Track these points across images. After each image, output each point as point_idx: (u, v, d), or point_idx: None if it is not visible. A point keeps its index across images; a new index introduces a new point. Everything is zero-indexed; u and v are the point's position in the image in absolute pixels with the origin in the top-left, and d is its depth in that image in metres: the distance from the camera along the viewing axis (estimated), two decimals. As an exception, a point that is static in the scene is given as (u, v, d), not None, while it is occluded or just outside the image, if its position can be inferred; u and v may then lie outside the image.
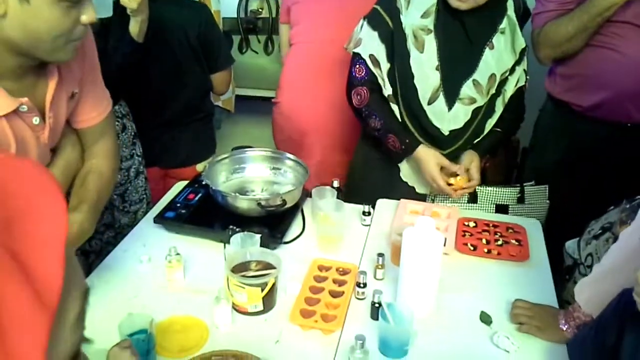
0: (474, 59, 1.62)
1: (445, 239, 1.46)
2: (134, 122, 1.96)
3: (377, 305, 1.25)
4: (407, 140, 1.64)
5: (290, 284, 1.35)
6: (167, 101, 2.02)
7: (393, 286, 1.34)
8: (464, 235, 1.55)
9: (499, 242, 1.52)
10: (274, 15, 2.76)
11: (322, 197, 1.60)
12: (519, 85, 1.72)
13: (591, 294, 1.16)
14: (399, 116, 1.68)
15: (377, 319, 1.22)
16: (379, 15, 1.64)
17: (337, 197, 1.61)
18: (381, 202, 1.71)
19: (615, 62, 1.77)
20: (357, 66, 1.68)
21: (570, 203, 1.93)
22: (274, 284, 1.27)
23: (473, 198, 1.76)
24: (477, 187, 1.73)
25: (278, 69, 2.80)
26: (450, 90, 1.63)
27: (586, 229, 1.51)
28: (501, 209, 1.77)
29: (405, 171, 1.75)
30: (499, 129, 1.72)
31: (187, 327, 1.23)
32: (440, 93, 1.63)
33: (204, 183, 1.57)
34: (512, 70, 1.67)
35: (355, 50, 1.68)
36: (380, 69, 1.64)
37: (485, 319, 1.27)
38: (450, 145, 1.69)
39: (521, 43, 1.67)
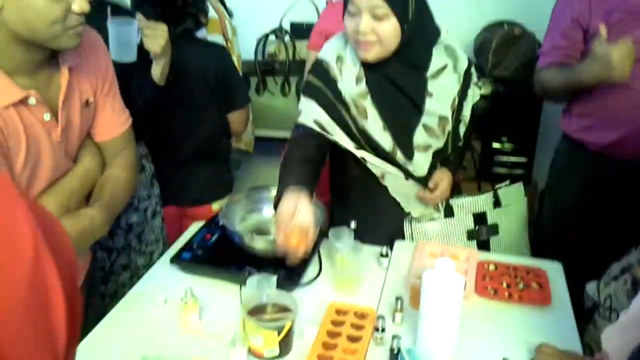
0: (416, 106, 1.57)
1: (466, 282, 1.44)
2: (152, 162, 1.98)
3: (395, 351, 1.21)
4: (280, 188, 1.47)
5: (307, 328, 1.33)
6: (184, 140, 2.04)
7: (412, 331, 1.31)
8: (484, 279, 1.52)
9: (520, 286, 1.49)
10: (290, 58, 2.80)
11: (338, 238, 1.58)
12: (475, 101, 1.68)
13: (619, 342, 1.13)
14: (370, 156, 1.60)
15: (396, 365, 1.19)
16: (313, 86, 1.58)
17: (354, 238, 1.59)
18: (399, 244, 1.69)
19: (630, 100, 1.78)
20: (293, 133, 1.61)
21: (590, 243, 1.90)
22: (290, 328, 1.25)
23: (449, 212, 1.72)
24: (451, 200, 1.71)
25: (294, 109, 2.85)
26: (405, 144, 1.59)
27: (606, 270, 1.48)
28: (479, 217, 1.74)
29: (393, 188, 1.69)
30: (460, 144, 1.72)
31: (202, 371, 1.21)
32: (397, 150, 1.59)
33: (220, 224, 1.56)
34: (463, 95, 1.63)
35: (298, 121, 1.59)
36: (328, 132, 1.57)
37: (508, 366, 1.23)
38: (425, 181, 1.66)
39: (463, 65, 1.61)
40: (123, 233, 1.87)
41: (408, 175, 1.64)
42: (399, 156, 1.61)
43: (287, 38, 2.81)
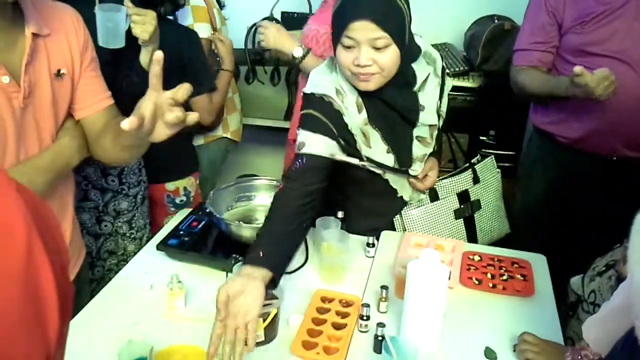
0: (410, 123, 1.56)
1: (450, 272, 1.45)
2: None
3: (380, 338, 1.23)
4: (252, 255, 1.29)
5: (292, 315, 1.33)
6: None
7: (396, 319, 1.33)
8: (468, 269, 1.53)
9: (504, 277, 1.50)
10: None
11: (326, 228, 1.59)
12: (449, 89, 1.67)
13: (599, 332, 1.15)
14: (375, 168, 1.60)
15: (380, 352, 1.20)
16: (315, 119, 1.45)
17: (341, 228, 1.60)
18: (385, 234, 1.70)
19: None
20: (295, 162, 1.45)
21: (561, 235, 1.93)
22: (276, 315, 1.25)
23: (434, 196, 1.73)
24: (435, 185, 1.71)
25: (283, 99, 2.84)
26: (405, 159, 1.58)
27: (591, 265, 1.50)
28: (463, 195, 1.75)
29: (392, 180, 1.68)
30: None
31: (187, 356, 1.21)
32: (397, 165, 1.58)
33: (207, 211, 1.56)
34: (442, 92, 1.62)
35: (301, 152, 1.44)
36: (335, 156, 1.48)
37: (490, 354, 1.25)
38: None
39: (439, 64, 1.60)
40: (111, 219, 1.86)
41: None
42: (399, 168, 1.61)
43: (277, 27, 2.80)
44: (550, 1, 1.88)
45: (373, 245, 1.61)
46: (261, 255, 1.26)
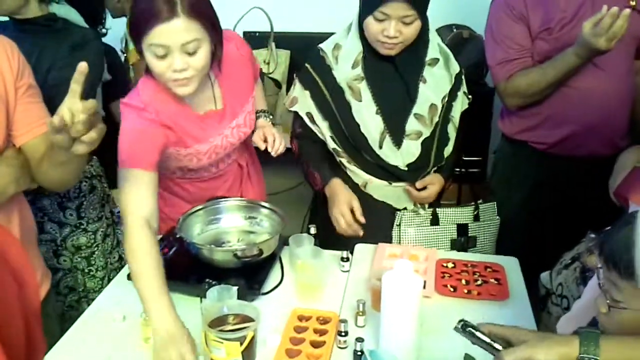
0: (410, 94, 1.66)
1: (425, 281, 1.46)
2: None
3: (359, 353, 1.22)
4: (327, 173, 1.70)
5: (270, 336, 1.32)
6: None
7: (375, 333, 1.32)
8: (443, 277, 1.54)
9: (479, 282, 1.51)
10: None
11: (299, 245, 1.59)
12: (463, 109, 1.78)
13: (572, 329, 1.16)
14: (350, 165, 1.72)
15: (360, 367, 1.19)
16: (308, 74, 1.71)
17: (315, 244, 1.60)
18: (359, 247, 1.70)
19: (574, 99, 1.83)
20: (296, 122, 1.78)
21: (542, 238, 1.95)
22: (253, 337, 1.24)
23: (435, 220, 1.79)
24: (437, 210, 1.78)
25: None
26: (395, 130, 1.67)
27: (559, 259, 1.52)
28: (462, 228, 1.81)
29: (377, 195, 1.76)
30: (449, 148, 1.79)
31: (164, 387, 1.18)
32: (387, 135, 1.66)
33: (178, 236, 1.54)
34: (453, 96, 1.72)
35: (293, 109, 1.75)
36: (317, 125, 1.71)
37: (470, 361, 1.26)
38: (413, 177, 1.71)
39: (455, 68, 1.72)
40: (69, 255, 1.82)
41: (391, 177, 1.71)
42: (387, 142, 1.66)
43: (240, 47, 2.80)
44: (513, 7, 1.86)
45: (347, 259, 1.61)
46: (327, 173, 1.69)
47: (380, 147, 1.67)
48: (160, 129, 1.45)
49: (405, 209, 1.77)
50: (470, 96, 1.79)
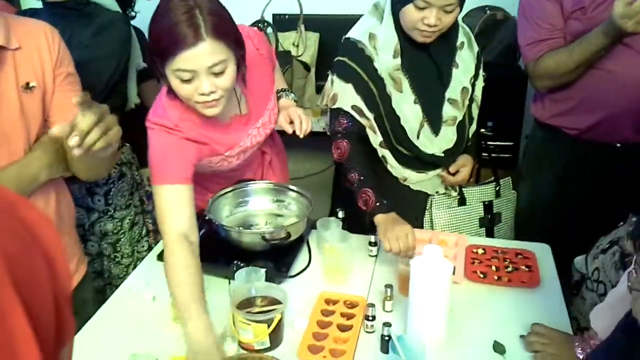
0: (444, 80, 1.64)
1: (454, 267, 1.44)
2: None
3: (386, 338, 1.21)
4: (385, 202, 1.53)
5: (297, 318, 1.32)
6: None
7: (402, 318, 1.31)
8: (472, 263, 1.52)
9: (509, 269, 1.49)
10: (273, 49, 2.78)
11: (327, 229, 1.58)
12: (482, 86, 1.78)
13: (606, 320, 1.13)
14: (392, 158, 1.68)
15: (387, 352, 1.19)
16: (348, 67, 1.61)
17: (343, 228, 1.59)
18: (387, 232, 1.69)
19: (608, 83, 1.77)
20: (339, 120, 1.63)
21: (573, 224, 1.90)
22: (280, 320, 1.24)
23: (462, 200, 1.80)
24: (463, 189, 1.80)
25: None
26: (434, 118, 1.65)
27: (595, 243, 1.48)
28: (487, 206, 1.84)
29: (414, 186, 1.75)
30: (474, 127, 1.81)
31: (193, 366, 1.20)
32: (425, 123, 1.64)
33: (207, 218, 1.55)
34: (476, 75, 1.73)
35: (335, 106, 1.63)
36: (366, 118, 1.62)
37: (499, 348, 1.24)
38: (449, 162, 1.73)
39: (475, 47, 1.72)
40: (97, 240, 1.84)
41: (427, 167, 1.71)
42: (425, 131, 1.65)
43: (269, 30, 2.78)
44: None
45: (375, 243, 1.60)
46: (385, 202, 1.53)
47: (418, 137, 1.65)
48: (193, 145, 1.42)
49: (437, 192, 1.78)
50: (484, 73, 1.78)
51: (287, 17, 2.94)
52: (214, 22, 1.25)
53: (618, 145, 1.83)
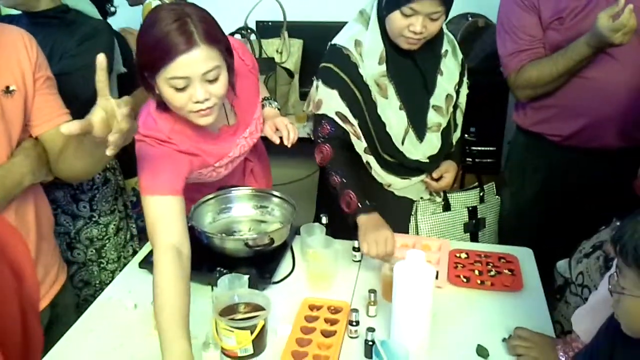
0: (429, 88, 1.65)
1: (437, 271, 1.44)
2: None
3: (370, 343, 1.21)
4: (367, 202, 1.55)
5: (280, 325, 1.31)
6: None
7: (386, 323, 1.31)
8: (456, 267, 1.53)
9: (492, 273, 1.50)
10: (257, 56, 2.78)
11: (310, 234, 1.58)
12: (466, 93, 1.79)
13: (588, 323, 1.14)
14: (376, 164, 1.68)
15: (371, 357, 1.18)
16: (333, 73, 1.61)
17: (327, 233, 1.59)
18: (371, 237, 1.69)
19: (589, 90, 1.79)
20: (322, 125, 1.65)
21: (556, 229, 1.92)
22: (263, 326, 1.23)
23: (446, 206, 1.81)
24: (447, 194, 1.81)
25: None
26: (418, 124, 1.66)
27: (577, 248, 1.50)
28: (472, 211, 1.85)
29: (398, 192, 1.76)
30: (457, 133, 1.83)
31: (175, 375, 1.18)
32: (410, 130, 1.65)
33: (190, 225, 1.54)
34: (460, 82, 1.74)
35: (320, 112, 1.64)
36: (350, 124, 1.63)
37: (482, 352, 1.24)
38: (433, 167, 1.74)
39: (459, 54, 1.73)
40: (83, 248, 1.82)
41: (412, 173, 1.72)
42: (410, 137, 1.65)
43: (253, 37, 2.78)
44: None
45: (359, 249, 1.59)
46: (368, 203, 1.54)
47: (402, 143, 1.66)
48: (185, 157, 1.41)
49: (421, 198, 1.78)
50: (468, 80, 1.79)
51: (270, 24, 2.94)
52: (206, 28, 1.25)
53: (599, 151, 1.85)
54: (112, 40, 1.79)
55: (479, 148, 2.65)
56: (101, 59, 1.02)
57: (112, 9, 2.01)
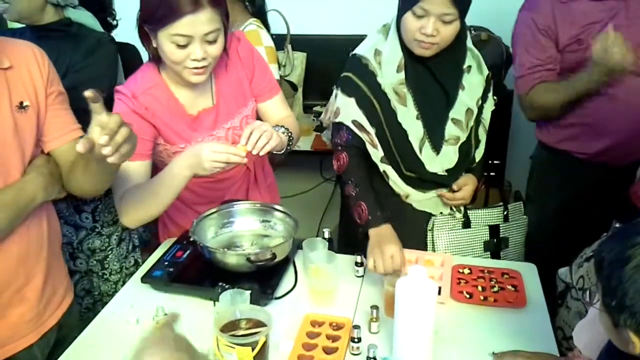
0: (449, 99, 1.64)
1: (440, 287, 1.44)
2: None
3: (372, 360, 1.20)
4: (379, 214, 1.54)
5: (282, 341, 1.31)
6: None
7: (388, 340, 1.30)
8: (459, 283, 1.52)
9: (495, 289, 1.49)
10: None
11: (313, 249, 1.57)
12: (491, 110, 1.77)
13: (589, 336, 1.13)
14: (394, 174, 1.66)
15: (372, 375, 1.18)
16: (351, 82, 1.63)
17: (329, 248, 1.58)
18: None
19: (613, 109, 1.79)
20: (340, 133, 1.66)
21: (574, 245, 1.91)
22: (265, 343, 1.22)
23: (467, 223, 1.77)
24: (468, 212, 1.77)
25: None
26: (435, 136, 1.65)
27: (579, 254, 1.49)
28: (493, 229, 1.80)
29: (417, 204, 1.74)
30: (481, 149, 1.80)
31: (176, 391, 1.18)
32: (426, 140, 1.64)
33: (192, 239, 1.54)
34: (485, 98, 1.71)
35: (337, 120, 1.65)
36: (366, 133, 1.62)
37: (485, 370, 1.23)
38: (451, 181, 1.71)
39: (485, 70, 1.71)
40: (85, 257, 1.82)
41: (430, 186, 1.69)
42: (427, 148, 1.64)
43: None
44: (539, 20, 1.85)
45: (362, 264, 1.59)
46: (379, 214, 1.53)
47: (420, 153, 1.64)
48: (146, 123, 1.48)
49: (441, 213, 1.75)
50: (495, 97, 1.77)
51: (274, 37, 2.96)
52: None
53: (627, 168, 1.83)
54: (115, 53, 1.80)
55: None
56: (89, 94, 1.05)
57: (114, 22, 2.02)
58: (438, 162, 1.66)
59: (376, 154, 1.65)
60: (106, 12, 1.92)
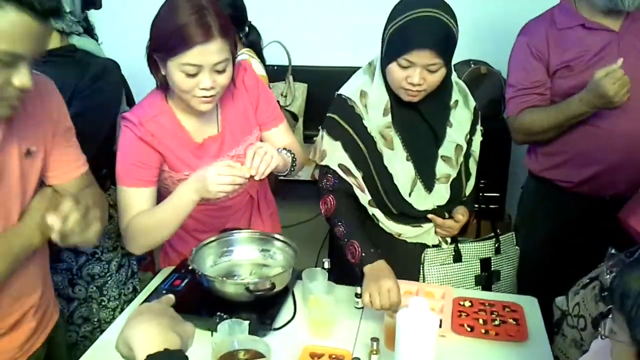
0: (437, 138, 1.62)
1: (441, 320, 1.42)
2: None
3: (372, 394, 1.18)
4: (372, 250, 1.51)
5: (280, 373, 1.29)
6: None
7: (389, 372, 1.28)
8: (460, 316, 1.50)
9: (496, 322, 1.47)
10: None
11: (312, 279, 1.56)
12: (480, 140, 1.75)
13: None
14: (383, 217, 1.65)
15: (372, 409, 1.15)
16: (337, 124, 1.61)
17: (329, 279, 1.57)
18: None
19: (598, 139, 1.81)
20: (326, 177, 1.65)
21: (564, 276, 1.91)
22: (263, 374, 1.20)
23: (458, 257, 1.74)
24: (459, 245, 1.73)
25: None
26: (426, 175, 1.63)
27: (575, 283, 1.49)
28: (485, 262, 1.76)
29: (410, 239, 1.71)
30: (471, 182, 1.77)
31: None
32: (418, 180, 1.63)
33: (190, 268, 1.52)
34: (473, 130, 1.70)
35: (323, 163, 1.65)
36: (353, 177, 1.61)
37: (487, 405, 1.21)
38: (442, 214, 1.69)
39: (472, 103, 1.69)
40: (84, 284, 1.80)
41: (421, 220, 1.67)
42: (419, 188, 1.63)
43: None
44: (534, 44, 1.88)
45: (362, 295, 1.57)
46: (372, 251, 1.50)
47: (410, 195, 1.63)
48: (152, 150, 1.49)
49: (432, 246, 1.72)
50: (482, 128, 1.76)
51: (275, 67, 2.99)
52: (222, 22, 1.37)
53: (611, 198, 1.84)
54: (120, 79, 1.82)
55: (483, 194, 2.64)
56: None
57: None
58: (430, 200, 1.65)
59: (364, 197, 1.63)
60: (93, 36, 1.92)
